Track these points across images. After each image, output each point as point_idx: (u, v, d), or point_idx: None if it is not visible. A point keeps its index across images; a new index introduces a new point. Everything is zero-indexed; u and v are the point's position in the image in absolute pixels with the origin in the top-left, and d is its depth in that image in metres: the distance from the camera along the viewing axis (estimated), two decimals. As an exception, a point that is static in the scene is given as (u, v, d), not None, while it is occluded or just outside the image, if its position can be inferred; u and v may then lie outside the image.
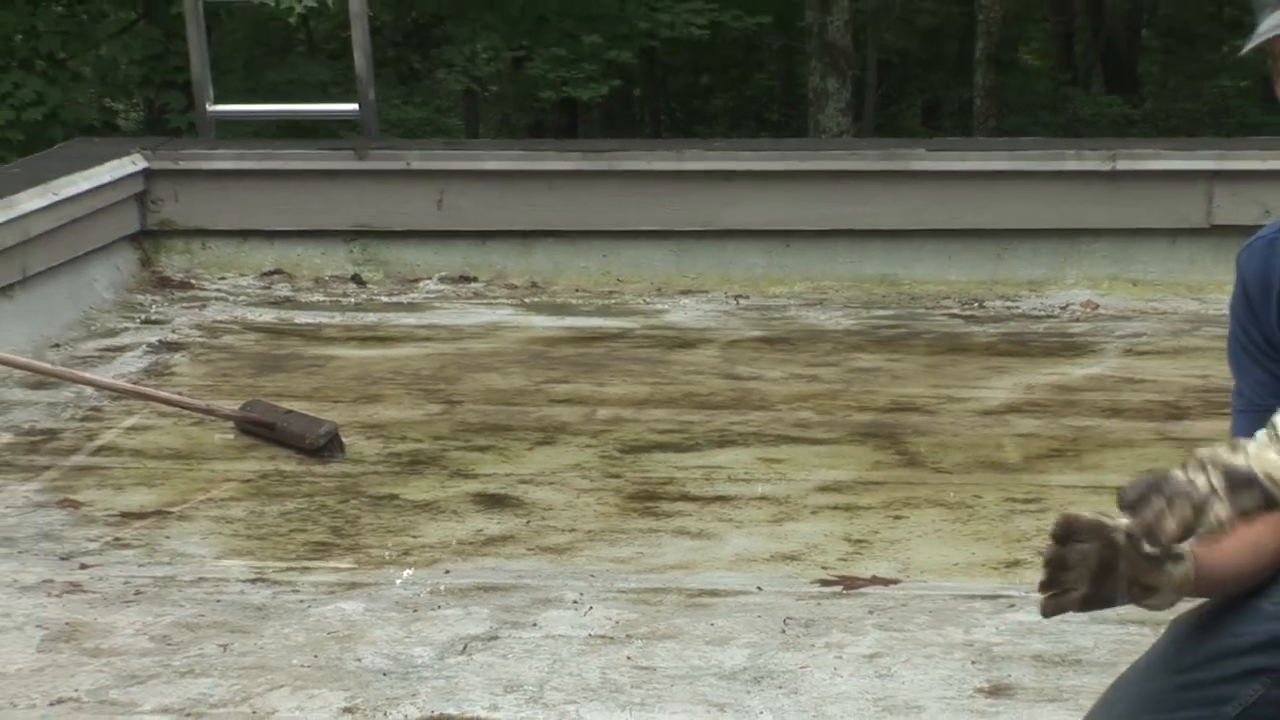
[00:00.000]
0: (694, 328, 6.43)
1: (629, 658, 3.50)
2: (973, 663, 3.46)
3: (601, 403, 5.44)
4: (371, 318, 6.58)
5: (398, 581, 3.94)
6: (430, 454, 4.94)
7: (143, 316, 6.55)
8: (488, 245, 7.08)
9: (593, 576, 3.97)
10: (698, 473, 4.75)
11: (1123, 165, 6.76)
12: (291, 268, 7.07)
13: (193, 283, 6.95)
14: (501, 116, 20.49)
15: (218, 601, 3.82)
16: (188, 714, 3.25)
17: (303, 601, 3.81)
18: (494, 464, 4.85)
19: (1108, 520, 2.02)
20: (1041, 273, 6.85)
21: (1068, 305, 6.64)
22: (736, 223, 6.95)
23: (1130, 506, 1.97)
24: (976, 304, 6.71)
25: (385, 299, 6.84)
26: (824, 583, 3.92)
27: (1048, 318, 6.53)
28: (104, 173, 6.73)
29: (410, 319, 6.55)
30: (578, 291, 6.91)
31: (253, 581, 3.94)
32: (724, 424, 5.20)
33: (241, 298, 6.82)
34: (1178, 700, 2.15)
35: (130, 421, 5.23)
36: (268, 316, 6.59)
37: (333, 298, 6.86)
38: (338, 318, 6.58)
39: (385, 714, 3.24)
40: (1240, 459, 1.95)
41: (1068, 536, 2.02)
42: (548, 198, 7.00)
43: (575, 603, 3.80)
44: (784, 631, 3.63)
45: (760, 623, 3.68)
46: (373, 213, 7.06)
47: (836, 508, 4.45)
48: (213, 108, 7.55)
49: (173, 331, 6.34)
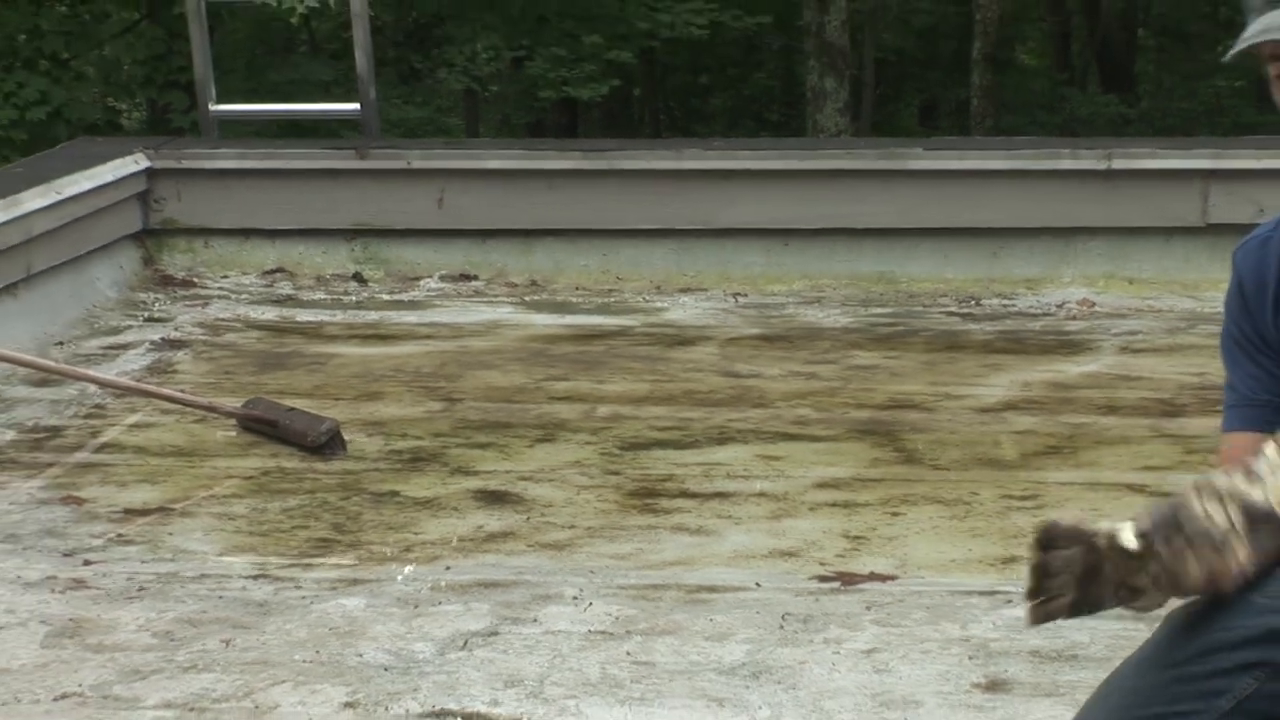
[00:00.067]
0: (693, 325, 6.43)
1: (628, 653, 3.50)
2: (970, 658, 3.46)
3: (601, 400, 5.44)
4: (373, 316, 6.58)
5: (399, 578, 3.94)
6: (431, 451, 4.94)
7: (145, 314, 6.56)
8: (488, 244, 7.09)
9: (592, 573, 3.97)
10: (697, 469, 4.75)
11: (1118, 164, 6.78)
12: (293, 266, 7.08)
13: (195, 281, 6.96)
14: (502, 116, 20.46)
15: (220, 598, 3.82)
16: (190, 709, 3.25)
17: (304, 597, 3.81)
18: (494, 461, 4.85)
19: (1089, 524, 2.01)
20: (1038, 271, 6.86)
21: (1064, 303, 6.65)
22: (735, 221, 6.95)
23: (1151, 540, 1.96)
24: (973, 302, 6.71)
25: (386, 297, 6.84)
26: (822, 579, 3.92)
27: (1044, 316, 6.53)
28: (107, 172, 6.73)
29: (411, 317, 6.56)
30: (578, 290, 6.92)
31: (255, 578, 3.94)
32: (723, 421, 5.20)
33: (244, 296, 6.82)
34: (1172, 694, 2.15)
35: (133, 419, 5.23)
36: (270, 314, 6.59)
37: (334, 296, 6.86)
38: (339, 316, 6.58)
39: (386, 709, 3.24)
40: (1258, 492, 1.93)
41: (1050, 542, 2.01)
42: (548, 197, 7.01)
43: (575, 599, 3.80)
44: (782, 627, 3.62)
45: (759, 618, 3.67)
46: (374, 212, 7.06)
47: (834, 504, 4.46)
48: (215, 107, 7.56)
49: (175, 329, 6.35)
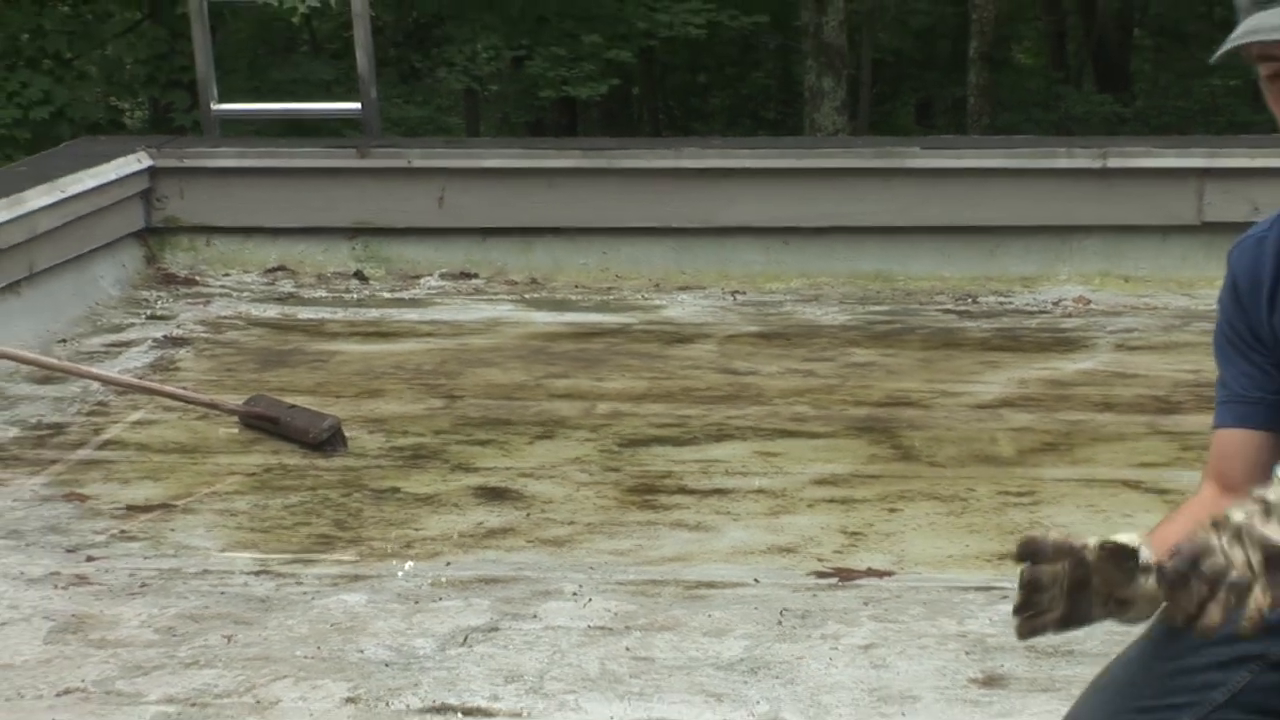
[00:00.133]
0: (692, 323, 6.43)
1: (628, 649, 3.50)
2: (966, 653, 3.45)
3: (600, 397, 5.44)
4: (374, 314, 6.59)
5: (399, 574, 3.94)
6: (432, 448, 4.94)
7: (148, 312, 6.56)
8: (488, 242, 7.09)
9: (592, 569, 3.97)
10: (695, 466, 4.75)
11: (1114, 163, 6.78)
12: (295, 264, 7.08)
13: (197, 279, 6.96)
14: (502, 115, 20.45)
15: (222, 594, 3.82)
16: (192, 704, 3.25)
17: (306, 593, 3.81)
18: (494, 458, 4.85)
19: (1075, 539, 1.97)
20: (1034, 269, 6.85)
21: (1060, 301, 6.65)
22: (734, 220, 6.96)
23: (1171, 585, 1.90)
24: (970, 299, 6.71)
25: (387, 295, 6.85)
26: (820, 575, 3.92)
27: (1040, 313, 6.53)
28: (110, 170, 6.74)
29: (412, 315, 6.56)
30: (577, 288, 6.92)
31: (256, 574, 3.94)
32: (721, 418, 5.20)
33: (245, 294, 6.83)
34: (1166, 687, 2.13)
35: (136, 416, 5.23)
36: (271, 312, 6.60)
37: (335, 294, 6.87)
38: (340, 314, 6.59)
39: (387, 704, 3.24)
40: (1276, 532, 1.88)
41: (1032, 556, 1.97)
42: (547, 195, 7.01)
43: (574, 594, 3.80)
44: (780, 623, 3.63)
45: (757, 614, 3.67)
46: (375, 210, 7.07)
47: (832, 501, 4.46)
48: (217, 106, 7.56)
49: (178, 327, 6.36)
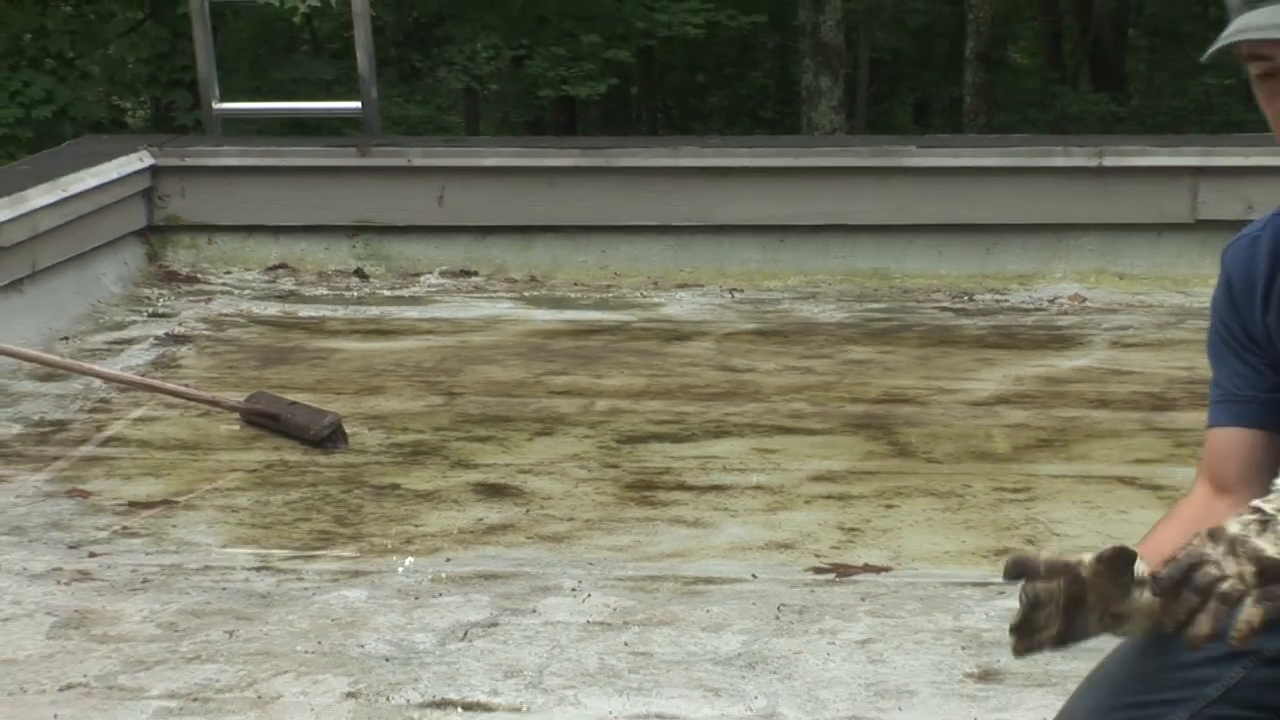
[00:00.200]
0: (690, 321, 6.45)
1: (626, 644, 3.51)
2: (963, 648, 3.46)
3: (599, 394, 5.45)
4: (374, 311, 6.60)
5: (400, 569, 3.94)
6: (431, 445, 4.94)
7: (150, 310, 6.58)
8: (488, 240, 7.10)
9: (591, 564, 3.97)
10: (693, 463, 4.76)
11: (1109, 161, 6.79)
12: (296, 262, 7.09)
13: (199, 277, 6.97)
14: (501, 114, 20.47)
15: (223, 589, 3.82)
16: (194, 699, 3.25)
17: (307, 589, 3.82)
18: (494, 454, 4.86)
19: (1069, 556, 1.98)
20: (1030, 267, 6.86)
21: (1055, 299, 6.66)
22: (732, 218, 6.97)
23: (1163, 593, 1.91)
24: (966, 297, 6.73)
25: (387, 293, 6.87)
26: (817, 570, 3.93)
27: (1036, 311, 6.55)
28: (112, 169, 6.75)
29: (412, 312, 6.58)
30: (576, 285, 6.94)
31: (258, 569, 3.94)
32: (719, 415, 5.21)
33: (247, 292, 6.84)
34: (1160, 682, 2.12)
35: (138, 413, 5.24)
36: (272, 310, 6.62)
37: (336, 292, 6.88)
38: (341, 311, 6.60)
39: (388, 699, 3.24)
40: (1270, 546, 1.88)
41: (1020, 575, 1.97)
42: (547, 194, 7.02)
43: (574, 590, 3.80)
44: (778, 618, 3.63)
45: (755, 609, 3.68)
46: (375, 208, 7.08)
47: (829, 497, 4.46)
48: (218, 106, 7.56)
49: (179, 325, 6.37)
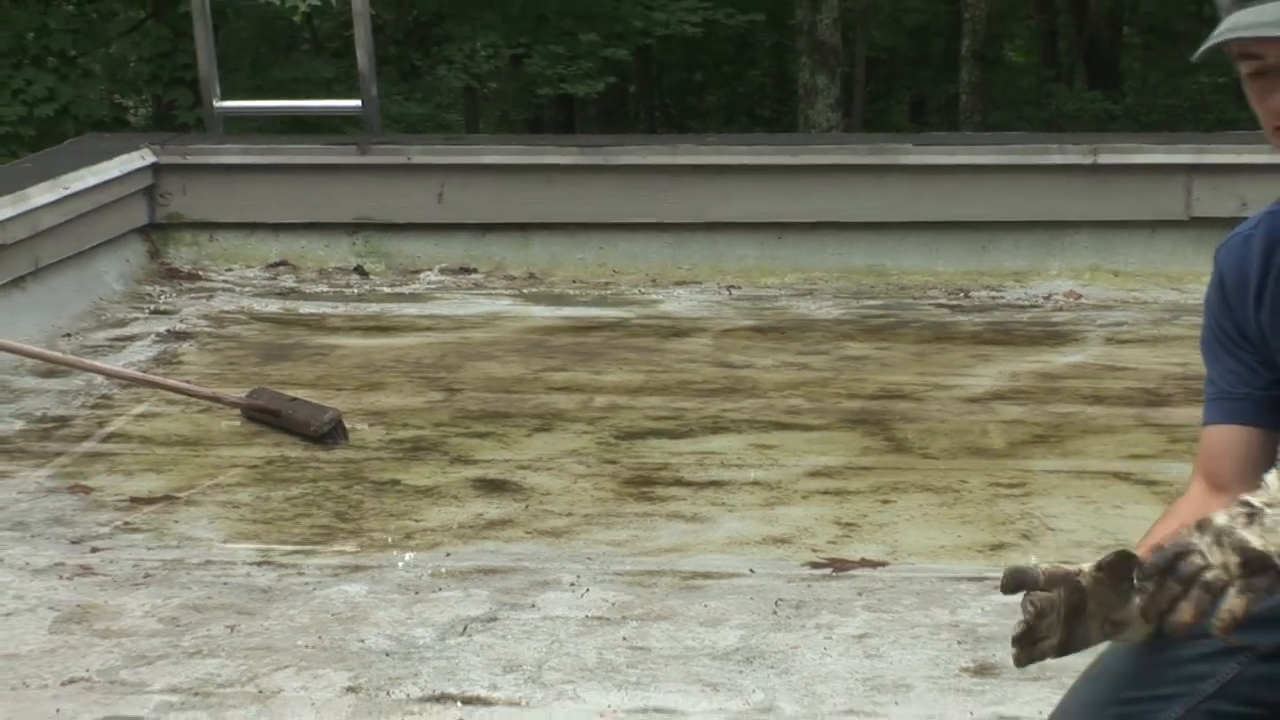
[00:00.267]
0: (688, 317, 6.45)
1: (625, 638, 3.51)
2: (959, 643, 3.46)
3: (598, 390, 5.45)
4: (374, 308, 6.61)
5: (400, 564, 3.94)
6: (431, 440, 4.94)
7: (151, 307, 6.59)
8: (487, 238, 7.11)
9: (589, 559, 3.98)
10: (691, 458, 4.76)
11: (1104, 159, 6.79)
12: (296, 259, 7.10)
13: (200, 274, 6.98)
14: (500, 112, 20.49)
15: (225, 584, 3.83)
16: (195, 693, 3.25)
17: (307, 584, 3.82)
18: (493, 450, 4.86)
19: (1068, 566, 1.99)
20: (1025, 264, 6.87)
21: (1051, 295, 6.67)
22: (729, 215, 6.97)
23: (1147, 580, 1.94)
24: (962, 294, 6.73)
25: (387, 290, 6.87)
26: (814, 565, 3.93)
27: (1031, 307, 6.55)
28: (113, 167, 6.76)
29: (412, 309, 6.58)
30: (575, 282, 6.94)
31: (259, 564, 3.95)
32: (717, 411, 5.21)
33: (248, 288, 6.85)
34: (1156, 678, 2.13)
35: (139, 409, 5.25)
36: (273, 307, 6.63)
37: (336, 289, 6.89)
38: (341, 308, 6.61)
39: (388, 693, 3.24)
40: (1255, 538, 1.89)
41: (1017, 587, 1.98)
42: (545, 191, 7.03)
43: (572, 585, 3.80)
44: (775, 613, 3.63)
45: (752, 604, 3.68)
46: (375, 206, 7.09)
47: (826, 492, 4.47)
48: (220, 104, 7.56)
49: (181, 321, 6.38)
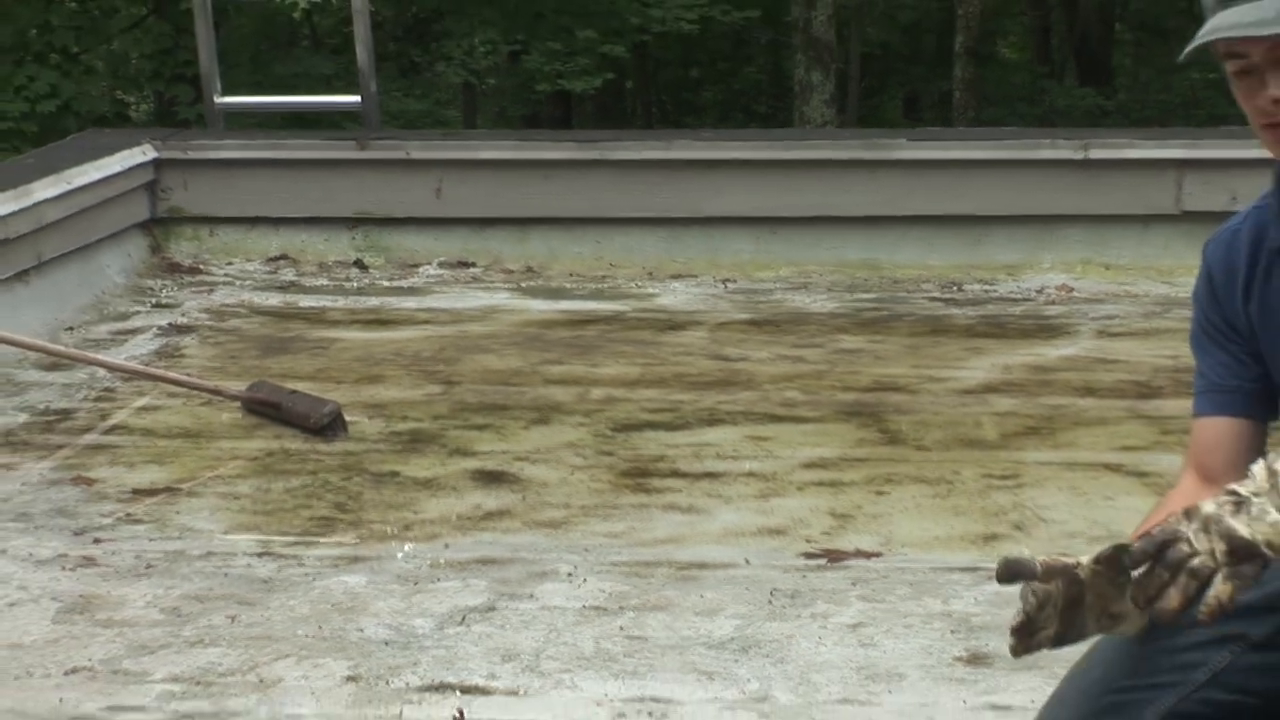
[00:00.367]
0: (684, 311, 6.46)
1: (621, 628, 3.53)
2: (952, 632, 3.48)
3: (595, 383, 5.46)
4: (373, 301, 6.61)
5: (399, 555, 3.97)
6: (430, 433, 4.96)
7: (153, 301, 6.60)
8: (485, 232, 7.11)
9: (586, 550, 4.00)
10: (687, 450, 4.77)
11: (1096, 154, 6.80)
12: (296, 253, 7.11)
13: (201, 268, 6.99)
14: (498, 108, 20.47)
15: (225, 575, 3.85)
16: (197, 683, 3.28)
17: (307, 574, 3.85)
18: (491, 442, 4.87)
19: (1065, 558, 2.01)
20: (1018, 257, 6.87)
21: (1043, 289, 6.67)
22: (724, 210, 6.98)
23: (1135, 567, 1.96)
24: (955, 287, 6.74)
25: (386, 283, 6.88)
26: (809, 556, 3.96)
27: (1024, 301, 6.55)
28: (115, 162, 6.78)
29: (411, 303, 6.59)
30: (572, 276, 6.95)
31: (259, 555, 3.97)
32: (713, 403, 5.22)
33: (248, 282, 6.86)
34: (1150, 666, 2.16)
35: (141, 402, 5.26)
36: (273, 300, 6.64)
37: (336, 282, 6.89)
38: (341, 301, 6.62)
39: (387, 683, 3.27)
40: (1242, 526, 1.92)
41: (1013, 578, 2.00)
42: (543, 186, 7.04)
43: (570, 575, 3.83)
44: (770, 603, 3.66)
45: (747, 594, 3.71)
46: (374, 201, 7.10)
47: (821, 484, 4.48)
48: (220, 100, 7.57)
49: (182, 315, 6.39)
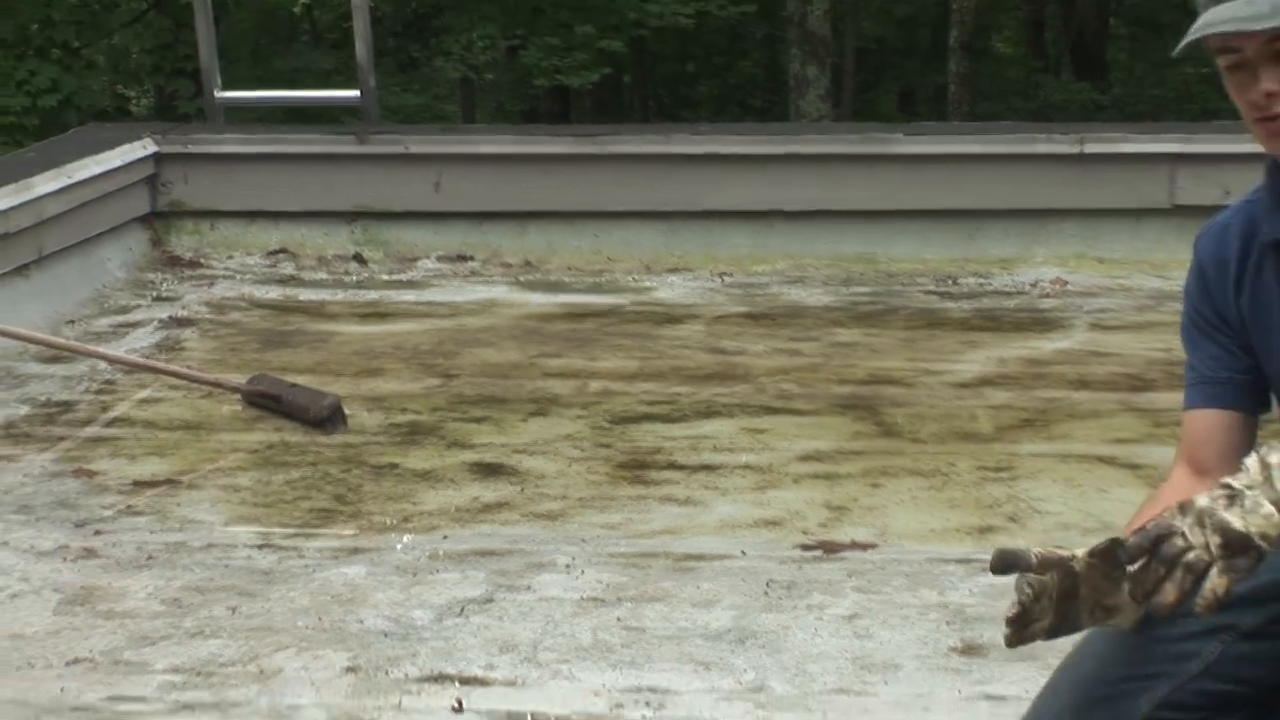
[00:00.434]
0: (681, 304, 6.46)
1: (619, 619, 3.56)
2: (947, 623, 3.51)
3: (592, 376, 5.47)
4: (372, 295, 6.62)
5: (398, 547, 3.99)
6: (429, 425, 4.98)
7: (154, 294, 6.61)
8: (484, 226, 7.11)
9: (584, 542, 4.02)
10: (684, 442, 4.79)
11: (1090, 148, 6.78)
12: (296, 247, 7.10)
13: (201, 262, 6.99)
14: (497, 103, 20.44)
15: (226, 566, 3.88)
16: (198, 674, 3.31)
17: (307, 566, 3.88)
18: (490, 434, 4.89)
19: (1060, 550, 2.03)
20: (1012, 251, 6.85)
21: (1037, 282, 6.66)
22: (721, 204, 6.97)
23: (1131, 561, 1.97)
24: (950, 281, 6.72)
25: (386, 277, 6.88)
26: (805, 547, 3.98)
27: (1018, 294, 6.54)
28: (116, 157, 6.78)
29: (410, 296, 6.59)
30: (570, 270, 6.94)
31: (260, 547, 4.00)
32: (710, 396, 5.24)
33: (248, 276, 6.86)
34: (1143, 657, 2.19)
35: (142, 394, 5.29)
36: (273, 294, 6.64)
37: (335, 276, 6.89)
38: (340, 295, 6.62)
39: (386, 673, 3.30)
40: (1236, 519, 1.93)
41: (1007, 569, 2.02)
42: (541, 180, 7.03)
43: (567, 567, 3.85)
44: (767, 594, 3.68)
45: (744, 585, 3.73)
46: (373, 195, 7.09)
47: (817, 476, 4.50)
48: (220, 94, 7.52)
49: (183, 308, 6.40)
